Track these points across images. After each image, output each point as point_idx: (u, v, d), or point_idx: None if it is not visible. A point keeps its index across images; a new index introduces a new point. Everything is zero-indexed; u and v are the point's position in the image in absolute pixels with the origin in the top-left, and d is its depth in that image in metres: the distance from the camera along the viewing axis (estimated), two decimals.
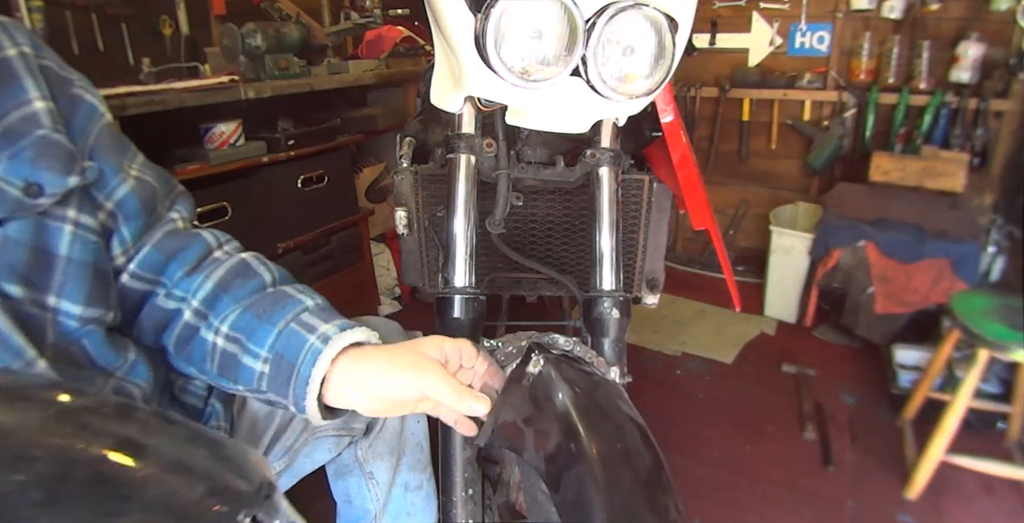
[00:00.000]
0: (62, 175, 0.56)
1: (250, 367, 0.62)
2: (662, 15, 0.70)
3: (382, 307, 2.31)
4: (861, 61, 2.40)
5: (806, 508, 1.48)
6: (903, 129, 2.37)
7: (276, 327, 0.62)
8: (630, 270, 1.12)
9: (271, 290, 0.67)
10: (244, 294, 0.66)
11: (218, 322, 0.64)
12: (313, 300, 0.66)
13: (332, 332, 0.61)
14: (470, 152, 0.84)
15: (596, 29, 0.68)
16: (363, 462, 0.91)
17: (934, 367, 1.62)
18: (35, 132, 0.55)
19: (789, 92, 2.54)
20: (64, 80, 0.61)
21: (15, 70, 0.56)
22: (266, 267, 0.69)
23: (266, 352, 0.62)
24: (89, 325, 0.58)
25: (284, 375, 0.61)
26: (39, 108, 0.56)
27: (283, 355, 0.61)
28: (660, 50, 0.72)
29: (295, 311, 0.63)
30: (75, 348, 0.58)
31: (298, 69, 1.80)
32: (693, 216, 1.10)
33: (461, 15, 0.69)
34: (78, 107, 0.61)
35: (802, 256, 2.27)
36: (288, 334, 0.61)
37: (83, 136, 0.61)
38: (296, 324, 0.62)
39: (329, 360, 0.59)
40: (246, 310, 0.64)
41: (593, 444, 0.57)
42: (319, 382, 0.59)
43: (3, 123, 0.54)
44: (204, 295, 0.65)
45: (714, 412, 1.86)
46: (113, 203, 0.62)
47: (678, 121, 1.01)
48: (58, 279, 0.56)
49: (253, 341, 0.62)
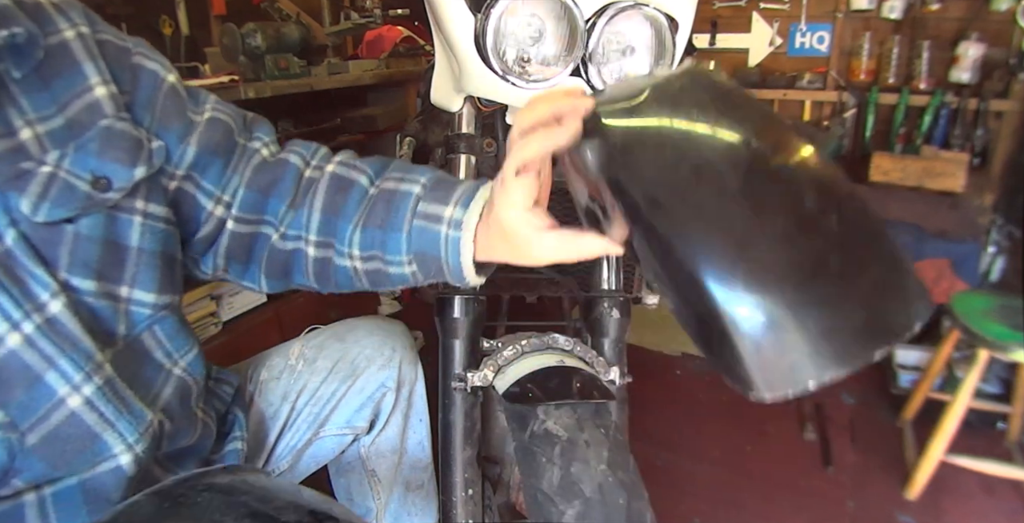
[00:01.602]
0: (129, 167, 0.55)
1: (400, 273, 0.63)
2: (662, 15, 0.70)
3: (382, 307, 2.31)
4: (861, 61, 2.39)
5: (806, 508, 1.48)
6: (903, 129, 2.37)
7: (403, 232, 0.61)
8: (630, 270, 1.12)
9: (374, 191, 0.65)
10: (352, 209, 0.64)
11: (346, 248, 0.64)
12: (418, 183, 0.63)
13: (459, 215, 0.60)
14: (470, 152, 0.84)
15: (596, 29, 0.68)
16: (365, 460, 0.91)
17: (934, 367, 1.62)
18: (99, 122, 0.54)
19: (789, 92, 2.54)
20: (122, 51, 0.59)
21: (74, 54, 0.54)
22: (358, 170, 0.67)
23: (406, 257, 0.62)
24: (162, 311, 0.60)
25: (434, 268, 0.62)
26: (100, 95, 0.55)
27: (424, 253, 0.61)
28: (660, 50, 0.72)
29: (410, 207, 0.62)
30: (147, 336, 0.59)
31: (298, 69, 1.80)
32: None
33: (461, 15, 0.69)
34: (139, 78, 0.59)
35: None
36: (418, 234, 0.61)
37: (149, 109, 0.59)
38: (419, 220, 0.61)
39: (470, 243, 0.59)
40: (365, 227, 0.63)
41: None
42: (472, 265, 0.60)
43: (66, 113, 0.53)
44: (317, 227, 0.64)
45: (714, 412, 1.86)
46: (184, 168, 0.62)
47: None
48: (130, 270, 0.57)
49: (389, 253, 0.62)
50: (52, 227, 0.51)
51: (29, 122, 0.51)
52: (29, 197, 0.50)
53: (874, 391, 1.94)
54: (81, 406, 0.51)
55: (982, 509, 1.48)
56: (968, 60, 2.17)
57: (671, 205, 0.37)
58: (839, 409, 1.86)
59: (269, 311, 1.74)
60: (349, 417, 0.85)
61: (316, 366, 0.84)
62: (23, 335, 0.48)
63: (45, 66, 0.52)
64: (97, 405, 0.52)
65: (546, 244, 0.54)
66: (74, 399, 0.50)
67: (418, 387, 0.93)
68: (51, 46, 0.53)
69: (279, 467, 0.83)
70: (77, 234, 0.53)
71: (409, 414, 0.93)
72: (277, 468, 0.83)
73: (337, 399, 0.84)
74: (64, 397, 0.50)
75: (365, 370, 0.85)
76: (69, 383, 0.50)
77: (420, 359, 0.92)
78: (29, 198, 0.50)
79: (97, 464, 0.53)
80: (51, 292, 0.50)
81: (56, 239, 0.52)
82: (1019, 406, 1.62)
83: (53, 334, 0.50)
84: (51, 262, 0.51)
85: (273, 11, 2.03)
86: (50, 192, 0.51)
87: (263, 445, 0.81)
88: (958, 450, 1.44)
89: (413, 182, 0.64)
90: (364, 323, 0.91)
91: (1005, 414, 1.67)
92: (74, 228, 0.53)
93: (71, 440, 0.51)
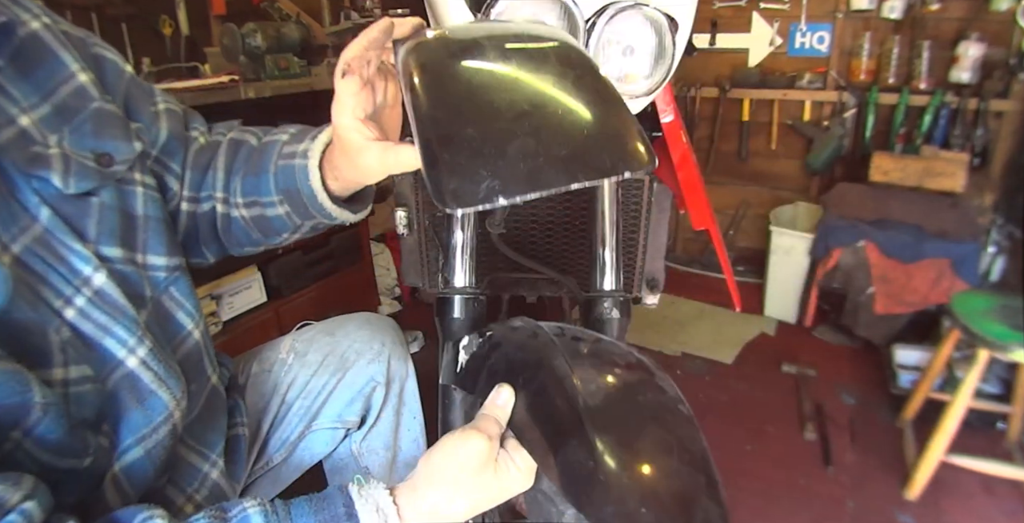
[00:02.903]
0: (127, 142, 0.59)
1: (277, 215, 0.69)
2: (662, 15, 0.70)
3: (382, 307, 2.31)
4: (861, 61, 2.39)
5: (806, 508, 1.48)
6: (903, 129, 2.37)
7: (270, 172, 0.67)
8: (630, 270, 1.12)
9: (257, 146, 0.71)
10: (240, 165, 0.70)
11: (234, 197, 0.70)
12: (287, 133, 0.70)
13: (307, 146, 0.65)
14: None
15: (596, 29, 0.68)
16: (358, 456, 0.91)
17: (934, 367, 1.62)
18: (90, 105, 0.57)
19: (789, 92, 2.54)
20: (82, 41, 0.62)
21: (48, 43, 0.56)
22: (251, 133, 0.74)
23: (277, 196, 0.67)
24: (175, 272, 0.64)
25: (298, 203, 0.67)
26: (84, 80, 0.58)
27: (288, 189, 0.66)
28: (660, 50, 0.72)
29: (276, 151, 0.68)
30: (166, 297, 0.63)
31: (298, 69, 1.80)
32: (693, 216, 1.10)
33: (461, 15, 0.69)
34: (103, 67, 0.63)
35: (802, 256, 2.27)
36: (281, 171, 0.67)
37: (116, 96, 0.62)
38: (282, 160, 0.67)
39: (316, 168, 0.64)
40: (245, 175, 0.69)
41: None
42: (322, 191, 0.65)
43: (54, 99, 0.55)
44: (221, 184, 0.70)
45: (714, 412, 1.86)
46: (158, 149, 0.66)
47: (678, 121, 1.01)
48: (141, 237, 0.61)
49: (263, 195, 0.68)
50: (80, 200, 0.55)
51: (23, 109, 0.53)
52: (58, 173, 0.53)
53: (874, 391, 1.94)
54: (138, 366, 0.55)
55: (982, 509, 1.48)
56: (968, 60, 2.17)
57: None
58: (839, 409, 1.86)
59: (269, 311, 1.75)
60: (340, 411, 0.86)
61: (306, 359, 0.85)
62: (77, 309, 0.52)
63: (22, 56, 0.54)
64: (151, 365, 0.56)
65: (373, 154, 0.57)
66: (132, 360, 0.55)
67: (409, 384, 0.94)
68: (24, 37, 0.54)
69: (273, 460, 0.84)
70: (102, 204, 0.56)
71: (401, 411, 0.93)
72: (271, 461, 0.84)
73: (327, 392, 0.85)
74: (123, 359, 0.55)
75: (355, 363, 0.86)
76: (125, 347, 0.55)
77: (420, 359, 0.92)
78: (58, 174, 0.53)
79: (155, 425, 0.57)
80: (93, 266, 0.54)
81: (84, 211, 0.55)
82: (1019, 406, 1.62)
83: (103, 304, 0.54)
84: (83, 235, 0.55)
85: (273, 11, 2.03)
86: (71, 168, 0.54)
87: (256, 437, 0.81)
88: (958, 450, 1.44)
89: (283, 132, 0.71)
90: (354, 318, 0.92)
91: (1005, 414, 1.67)
92: (98, 200, 0.56)
93: (135, 393, 0.55)
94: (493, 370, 0.58)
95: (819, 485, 1.55)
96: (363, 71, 0.56)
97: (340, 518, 0.49)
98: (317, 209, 0.66)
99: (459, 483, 0.51)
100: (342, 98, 0.56)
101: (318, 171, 0.64)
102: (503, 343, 0.61)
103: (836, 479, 1.57)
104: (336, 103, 0.56)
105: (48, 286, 0.51)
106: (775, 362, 2.10)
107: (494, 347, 0.62)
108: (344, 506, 0.49)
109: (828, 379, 2.01)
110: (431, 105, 0.43)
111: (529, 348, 0.57)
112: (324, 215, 0.67)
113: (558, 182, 0.39)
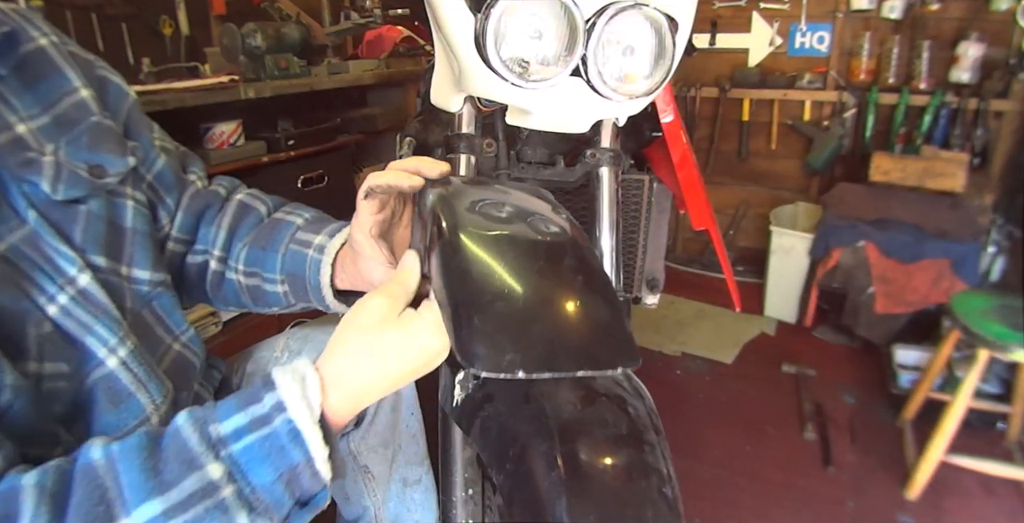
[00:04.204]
0: (121, 156, 0.60)
1: (274, 292, 0.73)
2: (662, 15, 0.70)
3: None
4: (861, 61, 2.39)
5: (806, 508, 1.48)
6: (903, 129, 2.37)
7: (279, 253, 0.71)
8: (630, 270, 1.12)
9: (267, 221, 0.75)
10: (246, 231, 0.74)
11: (235, 262, 0.73)
12: (302, 217, 0.74)
13: (323, 241, 0.70)
14: (470, 152, 0.84)
15: (596, 29, 0.68)
16: (356, 455, 0.90)
17: (934, 367, 1.62)
18: (88, 119, 0.59)
19: (789, 92, 2.54)
20: (88, 63, 0.64)
21: (53, 59, 0.59)
22: (260, 200, 0.77)
23: (280, 276, 0.71)
24: (158, 287, 0.65)
25: (301, 288, 0.71)
26: (85, 95, 0.60)
27: (294, 273, 0.70)
28: (660, 50, 0.72)
29: (290, 233, 0.72)
30: (147, 311, 0.64)
31: (298, 69, 1.80)
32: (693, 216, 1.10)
33: (461, 15, 0.69)
34: (107, 89, 0.64)
35: (802, 256, 2.27)
36: (291, 256, 0.70)
37: (117, 116, 0.64)
38: (294, 244, 0.71)
39: (328, 265, 0.68)
40: (252, 246, 0.72)
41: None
42: (329, 287, 0.69)
43: (55, 111, 0.57)
44: (221, 243, 0.73)
45: (714, 412, 1.86)
46: (152, 176, 0.68)
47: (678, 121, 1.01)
48: (128, 249, 0.62)
49: (267, 271, 0.72)
50: (67, 206, 0.56)
51: (22, 119, 0.55)
52: (47, 179, 0.54)
53: (874, 391, 1.94)
54: (118, 366, 0.55)
55: (982, 509, 1.48)
56: (968, 60, 2.17)
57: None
58: (839, 409, 1.86)
59: None
60: None
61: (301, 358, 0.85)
62: (59, 306, 0.53)
63: (27, 69, 0.56)
64: (131, 366, 0.56)
65: (380, 271, 0.62)
66: (112, 360, 0.55)
67: None
68: (30, 51, 0.57)
69: None
70: (89, 213, 0.57)
71: (399, 408, 0.93)
72: None
73: None
74: (103, 359, 0.55)
75: None
76: (106, 346, 0.55)
77: None
78: (47, 180, 0.54)
79: (128, 429, 0.56)
80: (78, 267, 0.54)
81: (71, 217, 0.56)
82: (1019, 406, 1.62)
83: (86, 303, 0.54)
84: (69, 240, 0.55)
85: (273, 11, 2.03)
86: (61, 175, 0.55)
87: None
88: (958, 450, 1.44)
89: (298, 216, 0.74)
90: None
91: (1005, 414, 1.67)
92: (86, 208, 0.57)
93: (111, 394, 0.55)
94: (486, 427, 0.60)
95: (819, 485, 1.55)
96: (384, 197, 0.60)
97: (258, 390, 0.46)
98: (318, 300, 0.71)
99: (364, 341, 0.49)
100: (361, 217, 0.61)
101: (330, 269, 0.68)
102: (495, 396, 0.62)
103: (836, 479, 1.57)
104: (355, 219, 0.62)
105: (32, 283, 0.52)
106: (775, 362, 2.10)
107: (487, 398, 0.63)
108: (261, 380, 0.47)
109: (828, 379, 2.01)
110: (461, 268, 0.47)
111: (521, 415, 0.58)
112: (322, 305, 0.71)
113: (567, 368, 0.44)
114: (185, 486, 0.41)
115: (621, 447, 0.57)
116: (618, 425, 0.58)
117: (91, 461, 0.42)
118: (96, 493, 0.40)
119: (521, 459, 0.55)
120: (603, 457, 0.56)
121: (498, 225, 0.52)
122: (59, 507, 0.40)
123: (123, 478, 0.41)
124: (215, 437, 0.44)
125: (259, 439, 0.44)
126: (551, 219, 0.55)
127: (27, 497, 0.39)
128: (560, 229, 0.53)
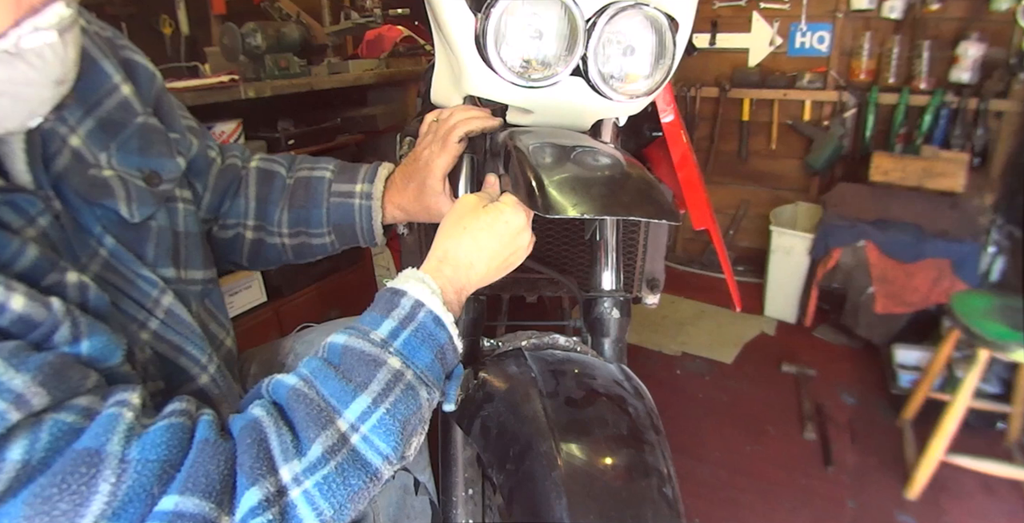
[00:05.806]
0: (171, 158, 0.60)
1: (320, 243, 0.78)
2: (662, 15, 0.70)
3: None
4: (861, 61, 2.39)
5: (806, 508, 1.48)
6: (903, 129, 2.37)
7: (323, 208, 0.76)
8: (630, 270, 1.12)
9: (291, 180, 0.78)
10: (278, 196, 0.77)
11: (276, 228, 0.76)
12: (327, 170, 0.78)
13: (367, 188, 0.76)
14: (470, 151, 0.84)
15: (596, 29, 0.68)
16: None
17: (934, 367, 1.62)
18: (134, 120, 0.56)
19: (789, 92, 2.54)
20: (111, 43, 0.59)
21: (90, 53, 0.54)
22: (276, 162, 0.79)
23: (326, 228, 0.76)
24: (209, 285, 0.66)
25: (349, 234, 0.77)
26: (127, 93, 0.56)
27: (341, 223, 0.76)
28: (660, 50, 0.72)
29: (325, 188, 0.76)
30: (203, 310, 0.65)
31: (298, 69, 1.80)
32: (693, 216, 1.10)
33: (461, 15, 0.69)
34: (136, 73, 0.60)
35: (802, 256, 2.27)
36: (335, 207, 0.76)
37: (154, 105, 0.61)
38: (335, 197, 0.76)
39: (379, 209, 0.75)
40: (291, 208, 0.76)
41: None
42: (380, 227, 0.76)
43: (99, 113, 0.54)
44: (253, 213, 0.76)
45: (714, 412, 1.86)
46: (187, 160, 0.66)
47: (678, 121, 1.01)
48: (183, 253, 0.61)
49: (312, 227, 0.76)
50: (141, 226, 0.55)
51: (72, 128, 0.51)
52: (122, 202, 0.53)
53: (874, 391, 1.94)
54: (208, 383, 0.58)
55: (982, 509, 1.48)
56: (968, 60, 2.17)
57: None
58: (839, 409, 1.86)
59: (269, 310, 1.74)
60: None
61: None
62: (151, 332, 0.53)
63: None
64: (219, 381, 0.59)
65: (447, 205, 0.71)
66: (203, 377, 0.58)
67: None
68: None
69: None
70: (159, 228, 0.57)
71: None
72: None
73: None
74: (195, 376, 0.57)
75: None
76: (198, 365, 0.57)
77: None
78: (123, 203, 0.53)
79: None
80: (159, 288, 0.55)
81: (144, 236, 0.56)
82: (1019, 406, 1.62)
83: (176, 325, 0.55)
84: (143, 259, 0.55)
85: (273, 11, 2.03)
86: (132, 194, 0.54)
87: None
88: (958, 450, 1.44)
89: (323, 169, 0.78)
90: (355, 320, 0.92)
91: (1005, 414, 1.67)
92: (156, 223, 0.57)
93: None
94: (486, 427, 0.63)
95: (819, 485, 1.55)
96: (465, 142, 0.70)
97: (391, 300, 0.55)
98: (368, 240, 0.77)
99: (462, 224, 0.60)
100: (449, 157, 0.70)
101: (380, 211, 0.76)
102: (495, 397, 0.64)
103: (836, 479, 1.58)
104: (443, 159, 0.71)
105: (122, 311, 0.51)
106: (775, 362, 2.10)
107: (487, 398, 0.65)
108: (389, 292, 0.56)
109: (828, 379, 2.01)
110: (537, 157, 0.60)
111: (521, 415, 0.60)
112: (371, 243, 0.78)
113: (620, 214, 0.57)
114: (379, 379, 0.49)
115: (621, 447, 0.57)
116: (618, 425, 0.58)
117: (292, 386, 0.48)
118: (312, 406, 0.47)
119: (521, 459, 0.55)
120: (603, 457, 0.56)
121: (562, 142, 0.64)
122: (289, 423, 0.46)
123: (324, 391, 0.48)
124: (379, 340, 0.52)
125: (412, 332, 0.53)
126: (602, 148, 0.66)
127: (266, 422, 0.45)
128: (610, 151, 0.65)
